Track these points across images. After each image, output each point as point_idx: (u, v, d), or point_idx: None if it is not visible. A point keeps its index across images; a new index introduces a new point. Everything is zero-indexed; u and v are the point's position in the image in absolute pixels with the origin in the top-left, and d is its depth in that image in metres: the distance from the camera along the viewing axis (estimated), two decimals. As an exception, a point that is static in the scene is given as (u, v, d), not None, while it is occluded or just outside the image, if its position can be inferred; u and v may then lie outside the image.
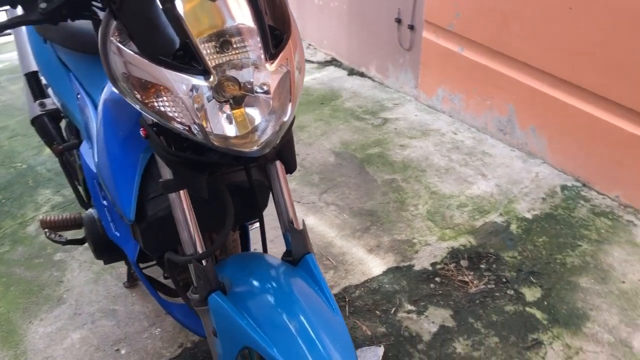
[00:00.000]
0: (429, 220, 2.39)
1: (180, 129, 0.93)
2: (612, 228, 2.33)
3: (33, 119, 1.99)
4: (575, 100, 2.51)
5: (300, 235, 1.15)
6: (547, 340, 1.85)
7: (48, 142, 2.02)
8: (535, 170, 2.71)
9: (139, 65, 0.89)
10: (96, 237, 1.62)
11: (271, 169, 1.15)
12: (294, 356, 0.93)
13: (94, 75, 1.56)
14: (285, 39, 0.94)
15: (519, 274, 2.11)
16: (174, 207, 1.08)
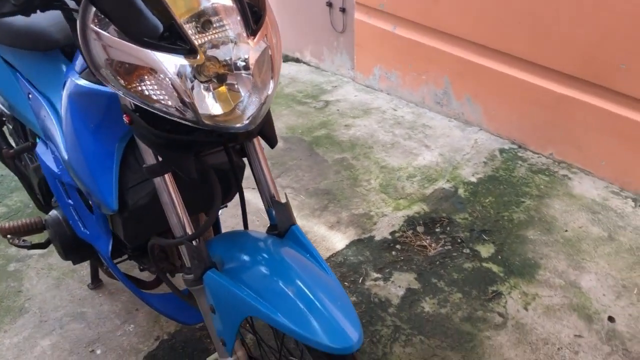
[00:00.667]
0: (383, 193, 2.49)
1: (167, 111, 0.95)
2: (550, 183, 2.51)
3: (-25, 127, 1.92)
4: (506, 67, 2.66)
5: (284, 207, 1.19)
6: (506, 290, 1.99)
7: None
8: (474, 138, 2.86)
9: (124, 49, 0.90)
10: (63, 238, 1.59)
11: (250, 147, 1.18)
12: (297, 318, 0.98)
13: (46, 73, 1.53)
14: (263, 15, 0.98)
15: (472, 234, 2.24)
16: (160, 191, 1.09)
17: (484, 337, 1.82)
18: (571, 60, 2.41)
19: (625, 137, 2.36)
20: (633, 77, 2.24)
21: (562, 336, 1.82)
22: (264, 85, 0.99)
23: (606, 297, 1.95)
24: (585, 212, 2.33)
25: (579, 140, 2.53)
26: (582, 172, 2.56)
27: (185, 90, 0.91)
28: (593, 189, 2.46)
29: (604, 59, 2.29)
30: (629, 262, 2.09)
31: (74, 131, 1.21)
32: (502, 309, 1.92)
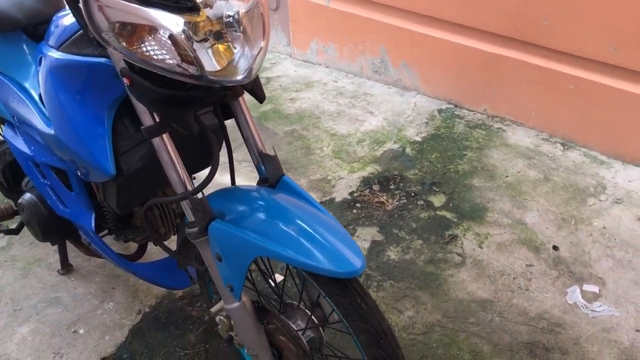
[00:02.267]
0: (337, 158, 2.61)
1: (168, 69, 1.00)
2: (487, 136, 2.71)
3: None
4: (438, 32, 2.83)
5: (274, 160, 1.27)
6: (461, 233, 2.16)
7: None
8: (413, 101, 3.02)
9: (128, 10, 0.95)
10: (41, 219, 1.61)
11: (236, 106, 1.26)
12: (302, 251, 1.07)
13: (9, 54, 1.53)
14: (252, -27, 1.05)
15: (424, 187, 2.40)
16: (159, 151, 1.15)
17: (447, 276, 1.99)
18: (498, 20, 2.61)
19: (551, 87, 2.59)
20: (554, 31, 2.46)
21: (516, 267, 2.02)
22: (256, 40, 1.06)
23: (549, 230, 2.16)
24: (521, 159, 2.55)
25: (509, 95, 2.74)
26: (514, 123, 2.78)
27: (191, 46, 0.97)
28: (526, 137, 2.69)
29: (528, 16, 2.50)
30: (564, 198, 2.32)
31: (61, 104, 1.24)
32: (460, 250, 2.09)
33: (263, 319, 1.31)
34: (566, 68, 2.51)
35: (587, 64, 2.44)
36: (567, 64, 2.50)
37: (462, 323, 1.82)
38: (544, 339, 1.76)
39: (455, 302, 1.89)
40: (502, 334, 1.78)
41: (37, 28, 1.52)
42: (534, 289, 1.94)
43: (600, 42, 2.35)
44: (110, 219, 1.55)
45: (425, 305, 1.88)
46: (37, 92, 1.44)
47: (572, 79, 2.51)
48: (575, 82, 2.50)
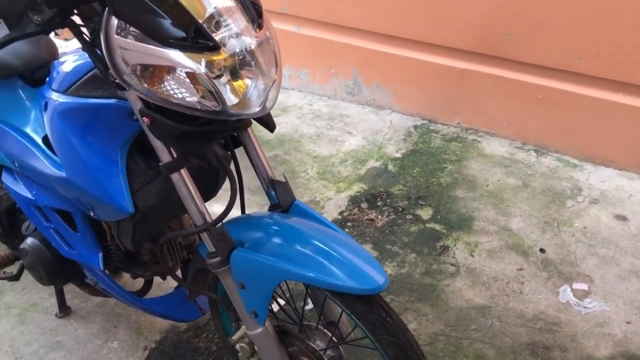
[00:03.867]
0: (322, 180, 2.66)
1: (188, 106, 1.04)
2: (463, 148, 2.81)
3: None
4: (409, 51, 2.94)
5: (285, 185, 1.32)
6: (451, 243, 2.24)
7: None
8: (388, 119, 3.11)
9: (150, 52, 0.98)
10: (47, 262, 1.61)
11: (244, 135, 1.30)
12: (326, 272, 1.11)
13: (6, 101, 1.54)
14: (263, 11, 1.10)
15: (410, 201, 2.47)
16: (178, 186, 1.18)
17: (444, 286, 2.05)
18: (465, 37, 2.73)
19: (520, 97, 2.71)
20: (520, 44, 2.59)
21: (507, 272, 2.10)
22: (269, 73, 1.11)
23: (534, 234, 2.26)
24: (499, 168, 2.65)
25: (481, 107, 2.86)
26: (487, 134, 2.89)
27: (213, 84, 1.01)
28: (500, 147, 2.80)
29: (493, 32, 2.63)
30: (544, 202, 2.42)
31: (73, 147, 1.26)
32: (453, 260, 2.16)
33: (284, 342, 1.34)
34: (533, 78, 2.64)
35: (553, 74, 2.58)
36: (534, 74, 2.63)
37: (465, 330, 1.88)
38: (543, 338, 1.84)
39: (455, 311, 1.95)
40: (503, 338, 1.85)
41: (34, 73, 1.54)
42: (527, 292, 2.01)
43: (564, 52, 2.49)
44: (116, 257, 1.56)
45: (426, 317, 1.93)
46: (39, 136, 1.45)
47: (540, 89, 2.64)
48: (543, 91, 2.63)
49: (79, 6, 1.02)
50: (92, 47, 1.07)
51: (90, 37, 1.07)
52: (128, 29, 0.99)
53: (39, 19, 0.98)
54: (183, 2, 0.99)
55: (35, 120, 1.48)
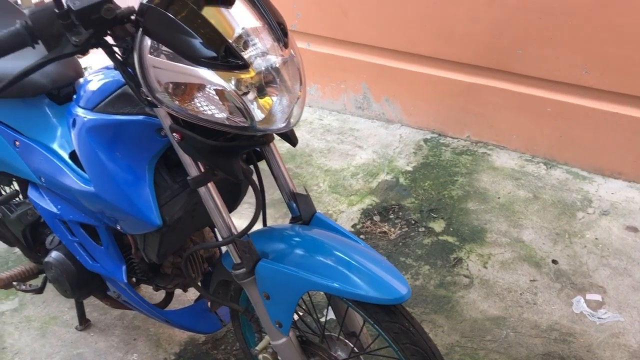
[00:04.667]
0: (334, 193, 2.69)
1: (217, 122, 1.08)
2: (474, 161, 2.85)
3: None
4: (418, 66, 2.98)
5: (306, 198, 1.35)
6: (464, 255, 2.26)
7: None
8: (398, 133, 3.15)
9: (182, 71, 1.03)
10: (72, 275, 1.64)
11: (267, 149, 1.34)
12: (349, 282, 1.14)
13: (34, 118, 1.58)
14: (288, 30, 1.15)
15: (422, 214, 2.50)
16: (205, 199, 1.21)
17: (458, 297, 2.08)
18: (474, 52, 2.77)
19: (528, 111, 2.75)
20: (528, 59, 2.63)
21: (521, 283, 2.12)
22: (293, 89, 1.15)
23: (546, 245, 2.28)
24: (509, 180, 2.68)
25: (490, 120, 2.90)
26: (497, 147, 2.93)
27: (242, 101, 1.05)
28: (510, 160, 2.83)
29: (502, 48, 2.67)
30: (555, 214, 2.45)
31: (102, 163, 1.30)
32: (466, 271, 2.18)
33: (307, 352, 1.36)
34: (542, 92, 2.68)
35: (561, 87, 2.62)
36: (543, 88, 2.67)
37: (480, 341, 1.90)
38: (559, 349, 1.86)
39: (470, 322, 1.97)
40: (518, 348, 1.86)
41: (60, 91, 1.59)
42: (541, 303, 2.03)
43: (572, 66, 2.53)
44: (139, 270, 1.60)
45: (442, 328, 1.95)
46: (66, 152, 1.49)
47: (548, 102, 2.67)
48: (552, 105, 2.67)
49: (112, 27, 1.06)
50: (124, 66, 1.12)
51: (123, 57, 1.11)
52: (161, 48, 1.03)
53: (76, 40, 1.02)
54: (213, 23, 1.03)
55: (62, 137, 1.52)
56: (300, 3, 3.20)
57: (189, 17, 1.03)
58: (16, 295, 2.21)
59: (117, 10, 1.04)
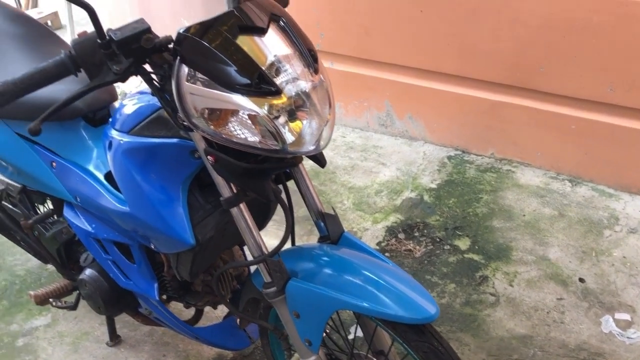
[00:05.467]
0: (358, 210, 2.72)
1: (250, 145, 1.12)
2: (498, 178, 2.85)
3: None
4: (441, 84, 3.01)
5: (334, 218, 1.38)
6: (490, 274, 2.26)
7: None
8: (422, 150, 3.17)
9: (217, 97, 1.07)
10: (105, 292, 1.68)
11: (296, 170, 1.37)
12: (379, 301, 1.16)
13: (71, 140, 1.64)
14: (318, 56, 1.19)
15: (447, 232, 2.51)
16: (237, 219, 1.25)
17: (485, 316, 2.08)
18: (496, 70, 2.79)
19: (553, 128, 2.75)
20: (552, 76, 2.64)
21: (547, 301, 2.11)
22: (323, 113, 1.18)
23: (572, 264, 2.27)
24: (534, 198, 2.68)
25: (514, 138, 2.90)
26: (521, 164, 2.92)
27: (275, 125, 1.09)
28: (535, 177, 2.83)
29: (526, 65, 2.68)
30: (581, 231, 2.44)
31: (137, 184, 1.34)
32: (492, 289, 2.18)
33: (336, 371, 1.38)
34: (566, 109, 2.68)
35: (586, 105, 2.61)
36: (567, 105, 2.67)
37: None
38: (587, 368, 1.84)
39: (497, 340, 1.97)
40: (546, 368, 1.86)
41: (96, 114, 1.65)
42: (568, 321, 2.02)
43: (597, 84, 2.53)
44: (170, 287, 1.63)
45: (469, 346, 1.95)
46: (102, 173, 1.54)
47: (573, 119, 2.67)
48: (577, 122, 2.67)
49: (151, 56, 1.11)
50: (161, 92, 1.16)
51: (160, 83, 1.16)
52: (197, 76, 1.08)
53: (117, 68, 1.07)
54: (247, 51, 1.08)
55: (97, 158, 1.58)
56: (324, 23, 3.26)
57: (224, 46, 1.07)
58: (49, 311, 2.27)
59: (156, 39, 1.09)
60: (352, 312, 1.46)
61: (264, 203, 1.49)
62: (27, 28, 1.86)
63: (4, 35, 1.79)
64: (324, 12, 3.21)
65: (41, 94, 1.53)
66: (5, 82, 1.07)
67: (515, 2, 2.56)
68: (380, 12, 3.02)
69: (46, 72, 1.08)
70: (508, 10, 2.60)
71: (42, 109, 1.57)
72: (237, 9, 1.12)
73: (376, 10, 3.03)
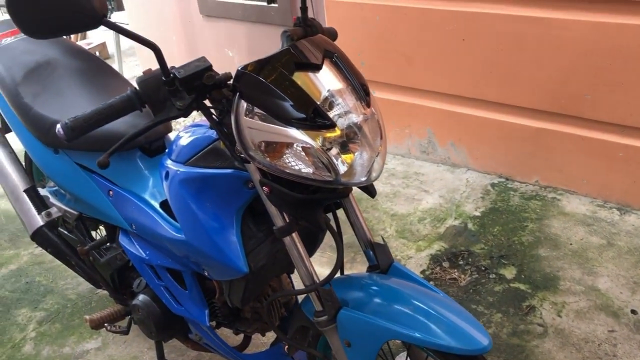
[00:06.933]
0: (402, 238, 2.72)
1: (304, 176, 1.15)
2: (543, 206, 2.81)
3: (34, 233, 2.03)
4: (484, 112, 3.01)
5: (384, 248, 1.40)
6: (537, 303, 2.22)
7: (55, 251, 2.06)
8: (464, 177, 3.16)
9: (273, 131, 1.11)
10: (157, 317, 1.72)
11: (346, 200, 1.40)
12: (431, 332, 1.17)
13: (128, 170, 1.71)
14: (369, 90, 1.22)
15: (492, 260, 2.48)
16: (290, 248, 1.28)
17: (533, 347, 2.04)
18: (540, 98, 2.78)
19: (599, 156, 2.71)
20: (598, 104, 2.61)
21: (598, 333, 2.06)
22: (375, 145, 1.21)
23: (623, 294, 2.22)
24: (581, 226, 2.63)
25: (559, 165, 2.87)
26: (567, 192, 2.88)
27: (328, 157, 1.12)
28: (581, 205, 2.78)
29: (570, 93, 2.67)
30: (632, 261, 2.38)
31: (193, 213, 1.39)
32: (540, 320, 2.15)
33: (385, 400, 1.38)
34: (613, 137, 2.64)
35: (633, 132, 2.57)
36: (614, 133, 2.63)
37: (558, 393, 1.85)
38: (643, 404, 1.79)
39: (547, 373, 1.93)
40: (599, 402, 1.81)
41: (152, 145, 1.71)
42: (621, 355, 1.97)
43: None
44: (220, 314, 1.67)
45: (517, 378, 1.92)
46: (157, 201, 1.60)
47: (620, 147, 2.63)
48: (624, 150, 2.63)
49: (211, 91, 1.16)
50: (220, 125, 1.21)
51: (219, 117, 1.21)
52: (255, 111, 1.12)
53: (180, 104, 1.12)
54: (302, 86, 1.12)
55: (153, 187, 1.64)
56: (365, 52, 3.31)
57: (280, 82, 1.12)
58: (99, 335, 2.33)
59: (217, 76, 1.14)
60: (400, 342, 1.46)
61: (312, 231, 1.52)
62: (87, 62, 1.95)
63: (66, 69, 1.89)
64: (365, 41, 3.27)
65: (105, 127, 1.62)
66: (76, 118, 1.13)
67: (557, 30, 2.56)
68: (422, 41, 3.06)
69: (113, 107, 1.14)
70: (550, 38, 2.60)
71: (101, 141, 1.66)
72: (292, 46, 1.17)
73: (417, 39, 3.07)
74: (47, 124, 1.73)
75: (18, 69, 1.88)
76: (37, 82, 1.84)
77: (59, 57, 1.93)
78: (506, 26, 2.71)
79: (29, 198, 2.00)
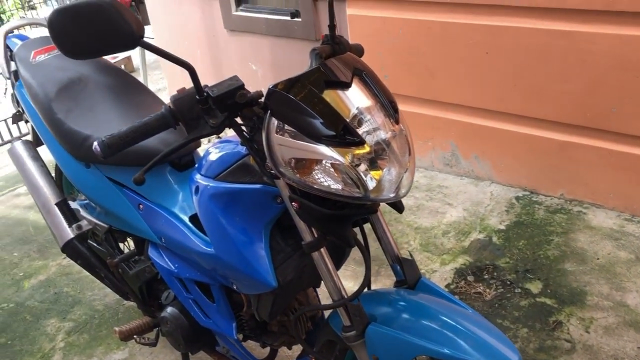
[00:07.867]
0: (426, 252, 2.71)
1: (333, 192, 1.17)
2: (569, 220, 2.79)
3: (65, 245, 2.08)
4: (508, 125, 3.00)
5: (411, 263, 1.41)
6: (564, 318, 2.20)
7: (84, 263, 2.11)
8: (489, 190, 3.14)
9: (303, 148, 1.13)
10: (185, 330, 1.75)
11: (373, 215, 1.41)
12: (460, 349, 1.17)
13: (158, 184, 1.74)
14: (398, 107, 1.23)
15: (518, 274, 2.47)
16: (318, 263, 1.29)
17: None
18: (566, 111, 2.76)
19: (626, 169, 2.68)
20: (624, 118, 2.59)
21: (627, 350, 2.03)
22: (403, 161, 1.23)
23: (653, 310, 2.19)
24: (608, 240, 2.60)
25: (585, 179, 2.84)
26: (593, 206, 2.85)
27: (358, 173, 1.14)
28: (608, 219, 2.75)
29: (596, 106, 2.65)
30: (661, 276, 2.35)
31: (223, 227, 1.41)
32: (567, 335, 2.12)
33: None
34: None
35: (662, 145, 2.55)
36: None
37: (587, 411, 1.83)
38: (674, 423, 1.76)
39: (575, 390, 1.91)
40: (629, 421, 1.78)
41: (181, 160, 1.75)
42: (651, 372, 1.94)
43: (673, 124, 2.47)
44: (247, 327, 1.68)
45: (545, 395, 1.90)
46: (187, 215, 1.63)
47: (648, 160, 2.60)
48: (652, 163, 2.60)
49: (243, 109, 1.19)
50: (250, 142, 1.23)
51: (250, 134, 1.23)
52: (285, 128, 1.14)
53: (213, 122, 1.15)
54: (332, 104, 1.14)
55: (183, 201, 1.66)
56: (388, 65, 3.33)
57: (310, 99, 1.14)
58: (126, 346, 2.36)
59: (248, 94, 1.16)
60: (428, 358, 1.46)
61: (339, 246, 1.53)
62: (117, 79, 2.00)
63: (98, 86, 1.94)
64: (388, 54, 3.29)
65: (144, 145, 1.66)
66: (112, 136, 1.16)
67: (583, 44, 2.55)
68: (445, 55, 3.06)
69: (148, 125, 1.17)
70: (576, 51, 2.59)
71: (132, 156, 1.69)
72: (322, 65, 1.19)
73: (440, 53, 3.08)
74: (80, 139, 1.78)
75: (51, 86, 1.93)
76: (69, 98, 1.89)
77: (91, 74, 1.98)
78: (530, 39, 2.71)
79: (60, 211, 2.05)
